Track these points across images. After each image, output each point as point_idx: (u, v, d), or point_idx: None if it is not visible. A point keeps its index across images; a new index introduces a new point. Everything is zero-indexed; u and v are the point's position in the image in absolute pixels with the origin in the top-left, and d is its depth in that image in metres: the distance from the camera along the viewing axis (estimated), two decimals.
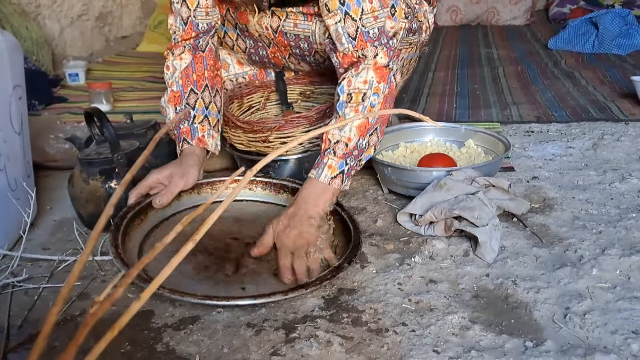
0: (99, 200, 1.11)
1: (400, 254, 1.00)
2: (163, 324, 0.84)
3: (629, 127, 1.55)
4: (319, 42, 1.22)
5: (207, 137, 1.20)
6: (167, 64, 1.26)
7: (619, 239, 1.00)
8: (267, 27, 1.25)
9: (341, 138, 1.05)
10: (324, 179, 1.03)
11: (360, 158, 1.09)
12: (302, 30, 1.23)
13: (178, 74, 1.24)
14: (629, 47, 2.51)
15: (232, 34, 1.36)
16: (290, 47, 1.29)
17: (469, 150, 1.32)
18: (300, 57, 1.33)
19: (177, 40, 1.25)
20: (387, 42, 1.11)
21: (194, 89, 1.23)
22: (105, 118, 1.12)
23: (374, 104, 1.08)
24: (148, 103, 2.07)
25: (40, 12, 2.61)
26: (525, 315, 0.82)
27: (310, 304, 0.87)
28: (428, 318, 0.82)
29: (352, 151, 1.05)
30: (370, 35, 1.09)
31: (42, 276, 0.99)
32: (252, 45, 1.36)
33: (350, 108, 1.08)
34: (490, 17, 3.49)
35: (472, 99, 1.94)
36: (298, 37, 1.24)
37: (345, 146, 1.05)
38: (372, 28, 1.09)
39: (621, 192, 1.18)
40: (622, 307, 0.82)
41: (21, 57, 1.13)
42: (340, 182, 1.04)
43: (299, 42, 1.26)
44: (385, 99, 1.10)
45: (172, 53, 1.25)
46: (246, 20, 1.28)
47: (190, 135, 1.20)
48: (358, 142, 1.06)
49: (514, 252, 0.98)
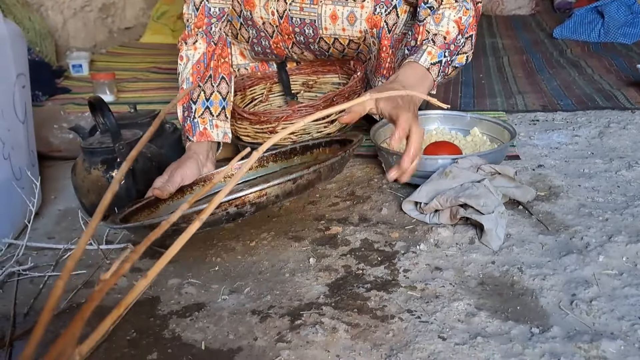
0: (100, 189, 1.10)
1: (405, 242, 0.99)
2: (169, 311, 0.84)
3: (635, 115, 1.54)
4: (324, 26, 1.22)
5: (209, 128, 1.20)
6: (181, 54, 1.25)
7: (626, 226, 0.99)
8: (274, 11, 1.25)
9: (439, 31, 1.09)
10: (424, 63, 1.06)
11: (454, 58, 1.12)
12: (308, 14, 1.23)
13: (189, 68, 1.23)
14: (635, 35, 2.49)
15: (236, 22, 1.36)
16: (295, 35, 1.29)
17: (474, 138, 1.32)
18: (304, 46, 1.32)
19: (190, 29, 1.25)
20: None
21: (199, 83, 1.23)
22: (106, 107, 1.12)
23: (462, 6, 1.13)
24: (152, 94, 2.07)
25: (43, 3, 2.61)
26: (532, 302, 0.82)
27: (316, 291, 0.87)
28: (434, 305, 0.82)
29: (450, 44, 1.08)
30: None
31: (48, 265, 0.99)
32: (255, 35, 1.35)
33: (443, 9, 1.11)
34: (495, 7, 3.47)
35: (477, 88, 1.93)
36: (304, 22, 1.24)
37: (444, 39, 1.08)
38: None
39: (628, 180, 1.17)
40: (628, 294, 0.81)
41: (24, 45, 1.12)
42: (437, 72, 1.07)
43: (304, 28, 1.25)
44: (475, 19, 1.15)
45: (186, 43, 1.24)
46: (252, 6, 1.28)
47: (192, 131, 1.19)
48: (457, 37, 1.08)
49: (520, 240, 0.98)
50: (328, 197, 1.20)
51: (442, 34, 1.10)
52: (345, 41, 1.32)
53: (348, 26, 1.29)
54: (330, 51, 1.31)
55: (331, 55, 1.38)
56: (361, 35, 1.30)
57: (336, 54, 1.37)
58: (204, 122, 1.19)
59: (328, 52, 1.32)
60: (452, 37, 1.09)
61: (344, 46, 1.33)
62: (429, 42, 1.09)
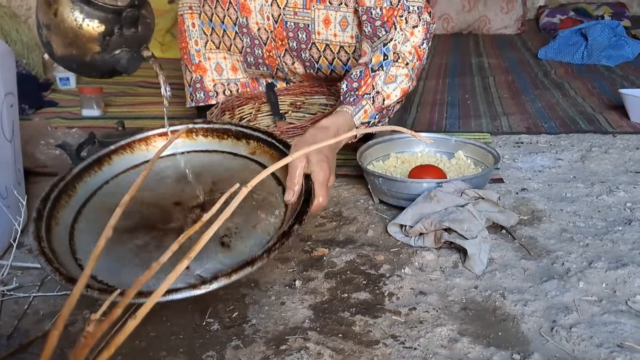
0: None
1: (390, 265, 1.01)
2: (154, 336, 0.84)
3: (616, 140, 1.57)
4: (317, 30, 1.25)
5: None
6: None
7: (606, 252, 1.01)
8: (269, 16, 1.28)
9: (382, 91, 1.10)
10: (357, 120, 1.07)
11: (378, 123, 1.13)
12: (302, 18, 1.26)
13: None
14: (617, 58, 2.54)
15: (231, 32, 1.38)
16: (288, 40, 1.31)
17: (458, 161, 1.33)
18: (296, 54, 1.35)
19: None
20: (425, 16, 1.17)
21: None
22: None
23: (411, 76, 1.16)
24: (139, 108, 2.07)
25: (31, 16, 2.60)
26: (513, 327, 0.83)
27: (301, 315, 0.87)
28: (417, 330, 0.83)
29: (383, 109, 1.09)
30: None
31: (33, 285, 0.99)
32: (249, 44, 1.37)
33: (396, 68, 1.11)
34: (481, 26, 3.52)
35: (463, 109, 1.96)
36: (297, 26, 1.27)
37: (383, 102, 1.08)
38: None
39: (608, 205, 1.20)
40: (607, 321, 0.83)
41: (13, 64, 1.12)
42: (361, 128, 1.07)
43: (298, 32, 1.29)
44: (415, 76, 1.19)
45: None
46: (248, 12, 1.30)
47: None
48: (392, 104, 1.10)
49: (503, 265, 0.99)
50: (315, 217, 1.21)
51: (384, 95, 1.11)
52: (336, 48, 1.34)
53: (340, 31, 1.32)
54: (320, 62, 1.33)
55: (320, 67, 1.40)
56: (352, 42, 1.33)
57: (325, 64, 1.39)
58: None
59: (318, 62, 1.34)
60: (390, 102, 1.12)
61: (334, 54, 1.36)
62: (369, 98, 1.10)
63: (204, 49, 1.41)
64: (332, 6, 1.29)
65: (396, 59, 1.14)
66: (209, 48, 1.41)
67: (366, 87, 1.11)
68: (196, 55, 1.43)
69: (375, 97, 1.10)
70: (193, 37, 1.41)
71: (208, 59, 1.42)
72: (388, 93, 1.11)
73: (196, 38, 1.41)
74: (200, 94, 1.50)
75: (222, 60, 1.44)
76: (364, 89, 1.11)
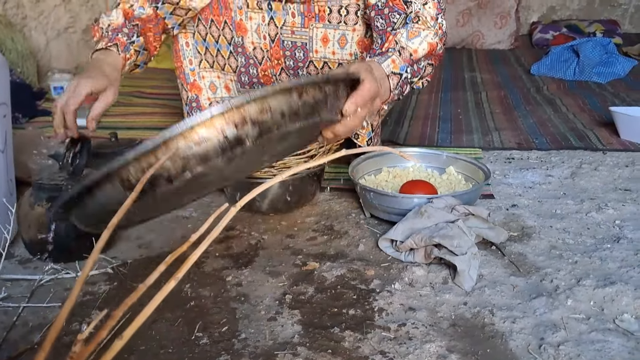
0: (41, 227, 1.06)
1: (381, 280, 1.01)
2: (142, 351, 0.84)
3: (606, 157, 1.59)
4: (315, 49, 1.25)
5: (122, 38, 1.18)
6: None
7: (594, 269, 1.02)
8: (265, 35, 1.27)
9: (407, 47, 1.06)
10: (386, 68, 1.02)
11: (414, 80, 1.09)
12: (299, 37, 1.26)
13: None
14: (609, 75, 2.57)
15: (225, 51, 1.38)
16: (285, 59, 1.31)
17: (449, 177, 1.34)
18: (293, 72, 1.35)
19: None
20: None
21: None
22: (87, 148, 1.11)
23: (437, 34, 1.13)
24: (132, 119, 2.08)
25: (27, 24, 2.61)
26: (501, 344, 0.84)
27: (291, 330, 0.88)
28: (407, 347, 0.83)
29: (414, 63, 1.06)
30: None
31: (22, 296, 0.98)
32: (244, 63, 1.38)
33: (419, 26, 1.10)
34: (475, 41, 3.55)
35: (455, 124, 1.97)
36: (295, 44, 1.27)
37: (410, 55, 1.06)
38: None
39: (597, 222, 1.21)
40: (595, 339, 0.84)
41: (7, 74, 1.13)
42: (395, 84, 1.02)
43: (295, 51, 1.28)
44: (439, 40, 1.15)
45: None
46: (244, 32, 1.30)
47: (102, 39, 1.17)
48: (421, 59, 1.07)
49: (492, 281, 1.00)
50: (306, 230, 1.21)
51: (410, 50, 1.07)
52: (335, 65, 1.35)
53: (338, 49, 1.32)
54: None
55: None
56: (351, 59, 1.34)
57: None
58: (118, 40, 1.16)
59: None
60: (419, 56, 1.07)
61: None
62: (394, 51, 1.06)
63: (198, 68, 1.41)
64: (331, 24, 1.30)
65: (417, 21, 1.12)
66: (202, 67, 1.42)
67: (389, 44, 1.09)
68: (191, 75, 1.43)
69: (401, 51, 1.07)
70: (187, 57, 1.42)
71: (202, 77, 1.42)
72: (414, 48, 1.08)
73: (190, 57, 1.42)
74: (197, 112, 1.51)
75: (215, 79, 1.44)
76: (387, 45, 1.08)
